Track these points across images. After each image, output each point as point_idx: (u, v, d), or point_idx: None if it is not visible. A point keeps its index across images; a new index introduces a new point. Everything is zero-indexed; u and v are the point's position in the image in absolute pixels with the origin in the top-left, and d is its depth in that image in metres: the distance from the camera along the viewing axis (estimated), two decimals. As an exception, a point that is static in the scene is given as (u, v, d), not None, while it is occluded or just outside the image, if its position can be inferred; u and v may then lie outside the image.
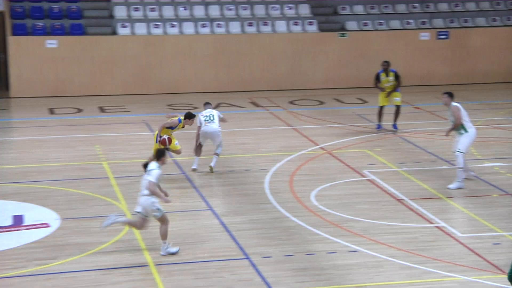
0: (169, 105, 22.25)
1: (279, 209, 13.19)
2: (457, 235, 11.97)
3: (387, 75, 18.76)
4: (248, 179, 14.94)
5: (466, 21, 25.47)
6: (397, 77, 18.75)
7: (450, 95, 14.41)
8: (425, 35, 24.82)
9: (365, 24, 25.08)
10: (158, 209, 10.99)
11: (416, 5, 25.82)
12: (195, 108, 21.92)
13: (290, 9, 25.24)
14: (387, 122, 19.14)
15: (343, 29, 25.07)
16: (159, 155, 11.22)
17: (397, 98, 18.84)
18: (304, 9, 25.34)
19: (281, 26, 24.75)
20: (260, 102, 22.66)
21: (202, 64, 24.02)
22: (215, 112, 15.20)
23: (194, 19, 24.60)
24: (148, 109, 21.74)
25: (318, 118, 20.48)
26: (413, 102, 22.28)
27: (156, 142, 14.46)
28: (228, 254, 11.27)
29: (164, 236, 11.11)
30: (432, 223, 12.53)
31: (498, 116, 20.47)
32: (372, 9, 25.65)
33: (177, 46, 23.86)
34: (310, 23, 24.91)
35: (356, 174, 15.23)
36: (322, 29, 24.88)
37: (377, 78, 18.85)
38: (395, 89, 18.78)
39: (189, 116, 14.57)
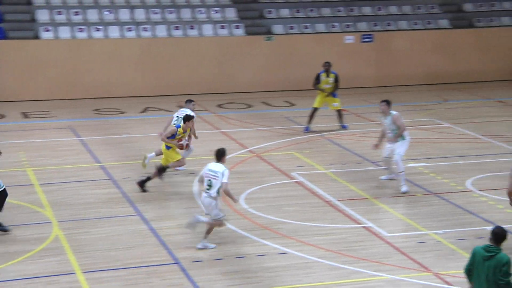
0: (95, 110, 21.94)
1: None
2: (384, 235, 12.20)
3: (327, 76, 19.01)
4: (177, 183, 14.87)
5: (389, 24, 26.01)
6: (336, 80, 19.04)
7: (388, 103, 14.52)
8: (349, 38, 25.24)
9: (291, 28, 25.33)
10: (221, 210, 11.43)
11: (341, 8, 26.22)
12: (122, 112, 21.68)
13: (216, 12, 25.26)
14: (316, 124, 19.34)
15: (269, 32, 25.25)
16: (220, 155, 11.56)
17: (335, 104, 19.14)
18: (231, 13, 25.41)
19: (207, 29, 24.74)
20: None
21: (129, 68, 23.79)
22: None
23: (119, 23, 24.33)
24: (74, 114, 21.38)
25: (246, 121, 20.54)
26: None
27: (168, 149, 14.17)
28: (157, 259, 11.20)
29: (209, 232, 11.48)
30: (359, 223, 12.74)
31: (421, 117, 20.96)
32: (298, 12, 25.91)
33: (103, 50, 23.57)
34: (237, 27, 24.99)
35: (284, 177, 15.35)
36: (248, 33, 25.00)
37: (317, 78, 19.08)
38: (332, 93, 19.02)
39: (188, 119, 14.21)
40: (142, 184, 14.17)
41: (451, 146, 17.71)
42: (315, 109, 19.06)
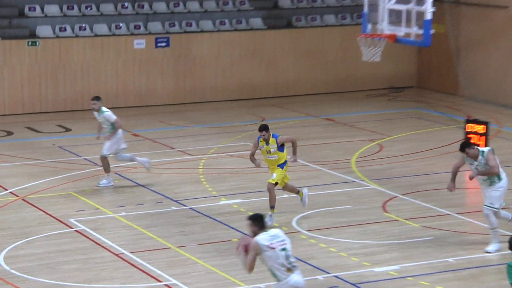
0: None
1: (-43, 279, 12.70)
2: (192, 294, 12.34)
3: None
4: None
5: (189, 24, 26.44)
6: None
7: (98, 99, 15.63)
8: (140, 43, 25.37)
9: (63, 29, 25.01)
10: None
11: (127, 4, 26.26)
12: None
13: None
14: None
15: (33, 35, 24.79)
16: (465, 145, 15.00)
17: None
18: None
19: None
20: None
21: None
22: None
23: None
24: None
25: (5, 154, 20.00)
26: (130, 127, 22.57)
27: None
28: None
29: None
30: (160, 281, 12.78)
31: (233, 141, 21.41)
32: (71, 9, 25.61)
33: None
34: (-11, 28, 24.37)
35: (60, 225, 15.13)
36: (4, 37, 24.35)
37: None
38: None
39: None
40: None
41: (267, 177, 18.19)
42: None
